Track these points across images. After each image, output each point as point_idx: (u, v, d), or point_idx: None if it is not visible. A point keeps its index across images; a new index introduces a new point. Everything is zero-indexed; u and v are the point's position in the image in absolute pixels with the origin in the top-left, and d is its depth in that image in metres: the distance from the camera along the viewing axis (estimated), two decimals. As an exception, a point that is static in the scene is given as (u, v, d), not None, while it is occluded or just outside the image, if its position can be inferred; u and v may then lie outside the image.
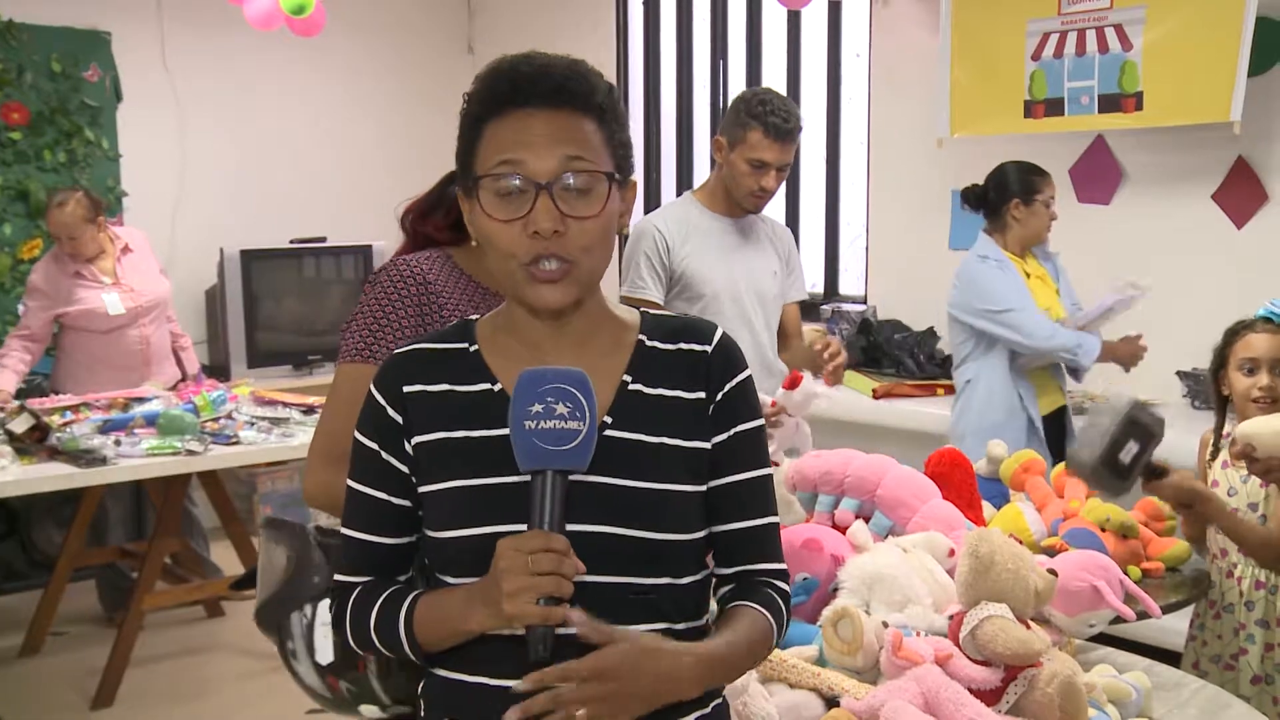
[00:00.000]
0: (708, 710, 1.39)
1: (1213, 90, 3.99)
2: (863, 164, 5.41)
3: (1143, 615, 2.13)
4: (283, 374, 5.66)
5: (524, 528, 1.27)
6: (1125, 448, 2.38)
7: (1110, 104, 4.28)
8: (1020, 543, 1.91)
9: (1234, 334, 2.64)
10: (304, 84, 6.29)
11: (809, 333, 3.56)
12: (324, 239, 5.94)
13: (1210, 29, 4.00)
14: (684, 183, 6.13)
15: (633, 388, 1.39)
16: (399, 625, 1.36)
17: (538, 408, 1.26)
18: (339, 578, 1.45)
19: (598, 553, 1.29)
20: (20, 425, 3.72)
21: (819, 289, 5.63)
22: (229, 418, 4.14)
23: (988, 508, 2.66)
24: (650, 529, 1.33)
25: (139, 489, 4.85)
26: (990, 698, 1.70)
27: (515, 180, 1.31)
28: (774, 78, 5.71)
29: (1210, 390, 2.74)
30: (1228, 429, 2.64)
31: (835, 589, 2.00)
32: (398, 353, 1.43)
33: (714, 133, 3.22)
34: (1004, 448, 2.94)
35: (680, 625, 1.37)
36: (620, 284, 3.22)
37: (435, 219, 1.89)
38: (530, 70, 1.34)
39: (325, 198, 6.29)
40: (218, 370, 5.55)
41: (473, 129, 1.36)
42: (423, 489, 1.38)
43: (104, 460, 3.69)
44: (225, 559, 4.77)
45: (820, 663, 1.83)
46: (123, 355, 4.60)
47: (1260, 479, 2.49)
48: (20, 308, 4.70)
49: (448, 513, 1.36)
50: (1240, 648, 2.58)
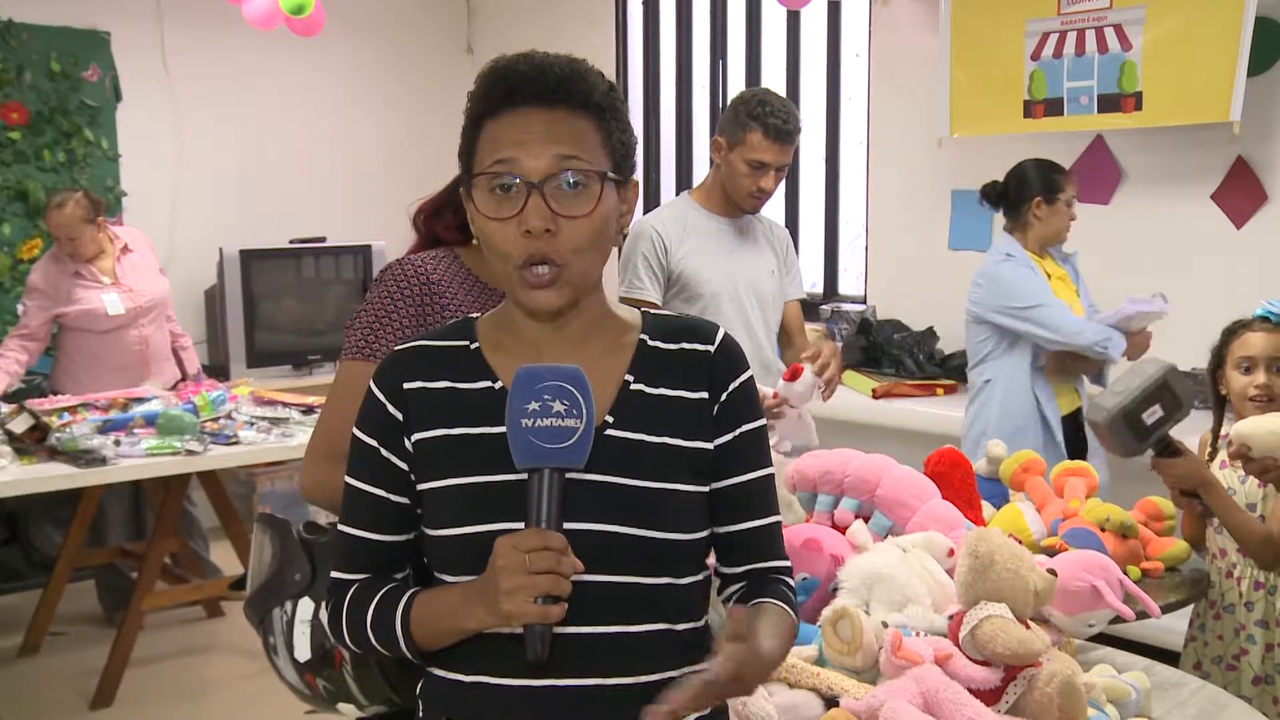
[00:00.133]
0: (706, 711, 1.39)
1: (1212, 90, 3.99)
2: (862, 164, 5.41)
3: (1142, 615, 2.13)
4: (282, 374, 5.66)
5: (523, 526, 1.27)
6: (1151, 409, 2.34)
7: (1110, 104, 4.28)
8: (1020, 543, 1.91)
9: (1231, 333, 2.65)
10: (303, 84, 6.28)
11: (808, 331, 3.55)
12: (323, 239, 5.94)
13: (1210, 29, 4.00)
14: (683, 183, 6.13)
15: (635, 387, 1.38)
16: (396, 624, 1.36)
17: (534, 405, 1.25)
18: (336, 575, 1.44)
19: (599, 552, 1.29)
20: (19, 425, 3.72)
21: (819, 289, 5.63)
22: (228, 418, 4.13)
23: (987, 508, 2.66)
24: (651, 528, 1.33)
25: (138, 489, 4.85)
26: (990, 698, 1.70)
27: (508, 179, 1.32)
28: (773, 78, 5.71)
29: (1208, 390, 2.74)
30: (1225, 429, 2.64)
31: (835, 589, 2.00)
32: (398, 350, 1.43)
33: (713, 132, 3.22)
34: (1003, 448, 2.93)
35: (680, 626, 1.37)
36: (619, 284, 3.22)
37: (445, 218, 1.88)
38: (527, 69, 1.35)
39: (324, 198, 6.29)
40: (217, 370, 5.54)
41: (473, 128, 1.37)
42: (422, 486, 1.37)
43: (103, 460, 3.69)
44: (224, 559, 4.77)
45: (820, 662, 1.83)
46: (122, 355, 4.60)
47: (1257, 479, 2.50)
48: (19, 307, 4.70)
49: (447, 510, 1.35)
50: (1241, 648, 2.57)
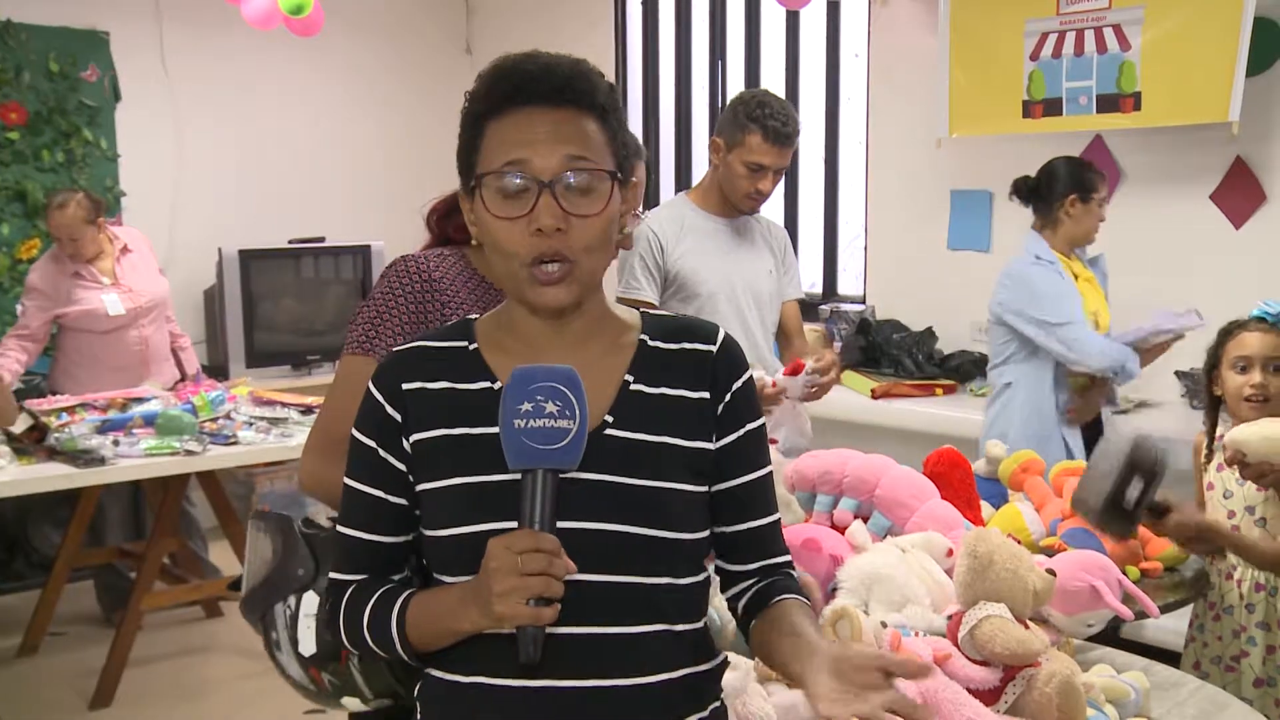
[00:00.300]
0: (706, 713, 1.39)
1: (1211, 90, 3.99)
2: (861, 164, 5.41)
3: (1141, 615, 2.13)
4: (281, 374, 5.65)
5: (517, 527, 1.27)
6: (1129, 488, 2.32)
7: (1108, 104, 4.28)
8: (1019, 543, 1.91)
9: (1228, 333, 2.65)
10: (302, 84, 6.28)
11: (807, 332, 3.56)
12: (322, 239, 5.93)
13: (1209, 29, 4.00)
14: (682, 183, 6.13)
15: (634, 387, 1.38)
16: (391, 625, 1.36)
17: (527, 406, 1.25)
18: (334, 575, 1.44)
19: (599, 551, 1.29)
20: (18, 425, 3.71)
21: (818, 289, 5.63)
22: (227, 418, 4.13)
23: (986, 508, 2.66)
24: (652, 527, 1.32)
25: (137, 489, 4.85)
26: (989, 698, 1.70)
27: (518, 179, 1.31)
28: (773, 78, 5.71)
29: (1203, 390, 2.74)
30: (1221, 430, 2.64)
31: (834, 589, 2.00)
32: (397, 350, 1.43)
33: (712, 133, 3.22)
34: (1003, 448, 2.93)
35: (680, 626, 1.36)
36: (616, 284, 3.22)
37: (456, 219, 1.87)
38: (534, 69, 1.34)
39: (323, 198, 6.29)
40: (216, 370, 5.54)
41: (474, 127, 1.36)
42: (420, 487, 1.37)
43: (102, 460, 3.69)
44: (224, 559, 4.76)
45: (819, 663, 1.83)
46: (121, 355, 4.60)
47: (1255, 484, 2.49)
48: (19, 308, 4.70)
49: (445, 511, 1.35)
50: (1241, 650, 2.57)
